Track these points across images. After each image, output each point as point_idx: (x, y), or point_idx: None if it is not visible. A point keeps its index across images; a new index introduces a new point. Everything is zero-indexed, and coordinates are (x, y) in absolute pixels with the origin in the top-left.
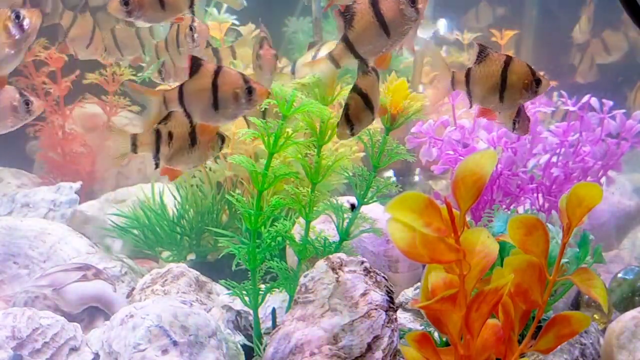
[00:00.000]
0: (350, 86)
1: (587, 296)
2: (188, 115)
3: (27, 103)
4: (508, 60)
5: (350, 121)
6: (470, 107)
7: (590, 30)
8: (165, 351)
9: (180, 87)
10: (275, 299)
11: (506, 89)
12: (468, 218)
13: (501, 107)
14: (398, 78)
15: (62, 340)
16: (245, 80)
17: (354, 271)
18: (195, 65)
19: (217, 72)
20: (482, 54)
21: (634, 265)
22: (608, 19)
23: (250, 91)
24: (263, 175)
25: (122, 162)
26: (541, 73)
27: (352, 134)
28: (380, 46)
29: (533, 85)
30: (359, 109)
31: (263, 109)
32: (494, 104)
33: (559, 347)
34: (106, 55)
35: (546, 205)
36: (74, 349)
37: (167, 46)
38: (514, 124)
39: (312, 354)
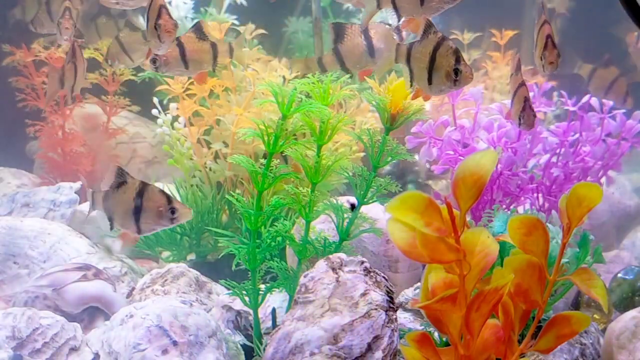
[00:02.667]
0: (351, 85)
1: (587, 296)
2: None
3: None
4: (440, 42)
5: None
6: (411, 85)
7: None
8: (165, 351)
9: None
10: (275, 299)
11: (434, 71)
12: (468, 218)
13: (430, 90)
14: (398, 78)
15: (62, 340)
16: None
17: (354, 271)
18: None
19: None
20: (426, 31)
21: (634, 265)
22: None
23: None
24: (263, 175)
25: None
26: (466, 64)
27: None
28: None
29: (452, 74)
30: None
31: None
32: (424, 85)
33: (559, 347)
34: (116, 63)
35: (546, 205)
36: (74, 349)
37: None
38: (520, 119)
39: (312, 354)
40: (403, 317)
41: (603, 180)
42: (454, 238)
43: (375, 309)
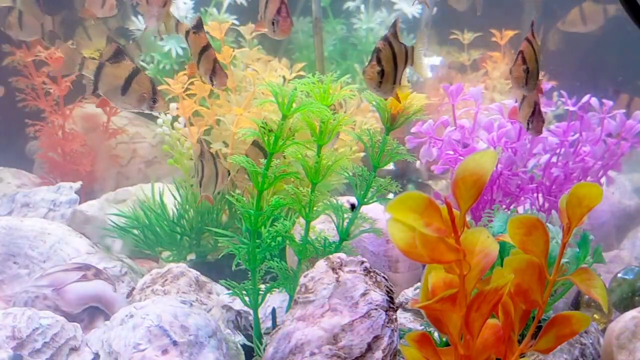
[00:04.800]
0: (351, 86)
1: (587, 296)
2: None
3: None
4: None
5: (381, 64)
6: None
7: None
8: (165, 351)
9: None
10: (275, 299)
11: None
12: (468, 218)
13: None
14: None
15: (62, 340)
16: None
17: (354, 271)
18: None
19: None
20: None
21: (634, 265)
22: None
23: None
24: (263, 175)
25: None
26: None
27: (381, 83)
28: None
29: None
30: (388, 55)
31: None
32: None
33: (559, 347)
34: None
35: (546, 205)
36: (74, 349)
37: None
38: (528, 123)
39: (312, 353)
40: (403, 317)
41: (603, 180)
42: (454, 238)
43: (375, 309)
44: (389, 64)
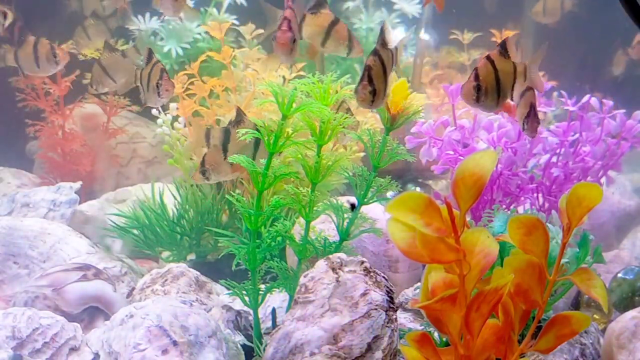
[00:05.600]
0: (350, 87)
1: (587, 296)
2: None
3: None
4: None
5: (372, 83)
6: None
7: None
8: (165, 351)
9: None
10: (275, 299)
11: None
12: (468, 218)
13: None
14: (398, 78)
15: (62, 340)
16: None
17: (354, 271)
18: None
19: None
20: None
21: (634, 265)
22: None
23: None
24: (263, 175)
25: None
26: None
27: (373, 102)
28: None
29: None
30: (379, 71)
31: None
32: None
33: (559, 347)
34: (101, 87)
35: (546, 205)
36: (74, 349)
37: (140, 78)
38: (524, 124)
39: (312, 353)
40: (403, 317)
41: (603, 180)
42: (454, 238)
43: (375, 309)
44: (380, 79)
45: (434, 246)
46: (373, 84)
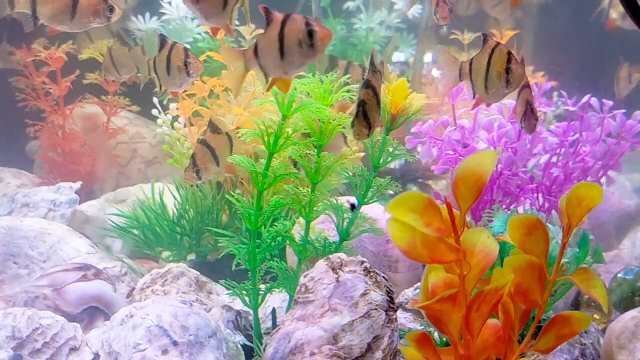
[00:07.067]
0: (351, 86)
1: (587, 296)
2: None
3: None
4: (494, 48)
5: (368, 118)
6: (473, 97)
7: None
8: (165, 351)
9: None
10: (275, 299)
11: (488, 75)
12: (468, 218)
13: (488, 97)
14: (398, 78)
15: (62, 340)
16: (307, 23)
17: (354, 271)
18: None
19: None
20: (484, 42)
21: (634, 265)
22: None
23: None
24: (263, 175)
25: None
26: (518, 63)
27: (369, 135)
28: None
29: (504, 74)
30: (373, 103)
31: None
32: (482, 92)
33: (559, 347)
34: (105, 74)
35: (546, 205)
36: (74, 349)
37: (155, 66)
38: (522, 122)
39: (312, 353)
40: (403, 317)
41: (603, 180)
42: (454, 238)
43: (375, 309)
44: (374, 110)
45: (434, 246)
46: (368, 119)
